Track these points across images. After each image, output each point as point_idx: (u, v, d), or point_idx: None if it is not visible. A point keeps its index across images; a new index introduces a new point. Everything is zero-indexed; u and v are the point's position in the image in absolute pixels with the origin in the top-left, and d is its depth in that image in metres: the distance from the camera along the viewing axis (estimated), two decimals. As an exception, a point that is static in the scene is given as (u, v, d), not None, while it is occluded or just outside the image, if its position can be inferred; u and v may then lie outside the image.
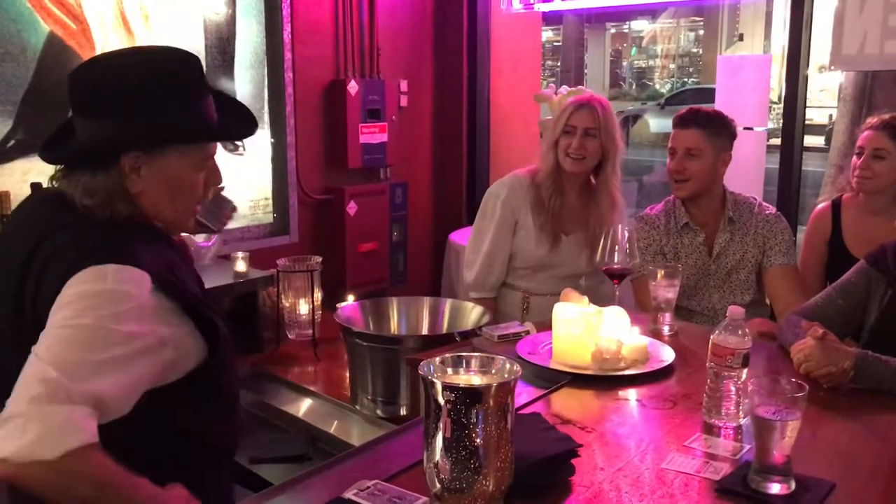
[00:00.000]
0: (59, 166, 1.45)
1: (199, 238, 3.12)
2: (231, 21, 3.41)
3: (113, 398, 1.23)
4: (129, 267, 1.29)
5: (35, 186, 2.58)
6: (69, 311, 1.24)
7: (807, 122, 3.57)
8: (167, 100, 1.39)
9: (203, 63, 3.40)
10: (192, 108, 1.42)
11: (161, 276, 1.34)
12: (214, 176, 1.50)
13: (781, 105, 3.52)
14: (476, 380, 1.18)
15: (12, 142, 2.77)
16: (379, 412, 2.13)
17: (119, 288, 1.27)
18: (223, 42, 3.39)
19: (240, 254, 2.77)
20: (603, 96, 2.72)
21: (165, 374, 1.34)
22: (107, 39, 2.96)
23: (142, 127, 1.37)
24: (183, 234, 2.87)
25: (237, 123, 1.58)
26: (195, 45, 3.28)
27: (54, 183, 1.44)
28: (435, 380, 1.12)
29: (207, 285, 1.59)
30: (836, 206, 2.75)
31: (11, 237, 1.46)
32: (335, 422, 2.17)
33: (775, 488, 1.26)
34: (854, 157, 2.63)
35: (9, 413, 1.17)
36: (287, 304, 2.73)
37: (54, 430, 1.15)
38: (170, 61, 1.44)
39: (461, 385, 1.12)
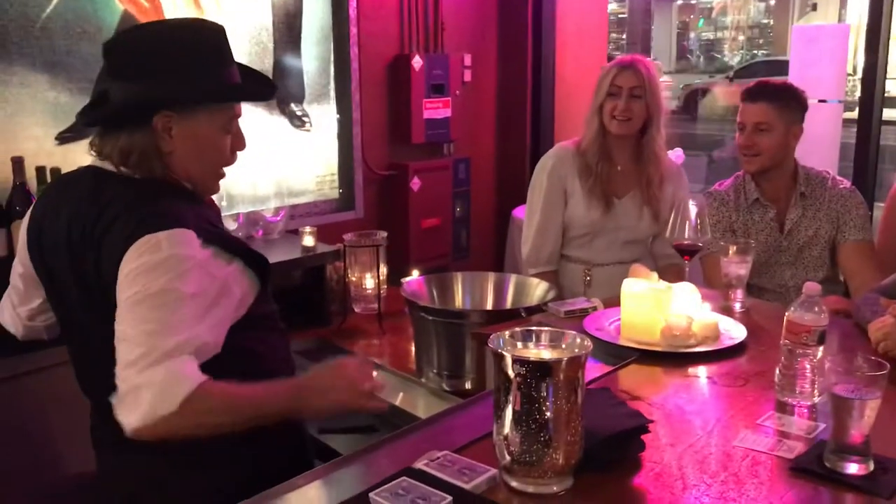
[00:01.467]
0: (93, 135, 1.52)
1: (268, 213, 3.17)
2: (298, -3, 3.44)
3: (206, 341, 1.36)
4: (177, 230, 1.37)
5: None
6: (137, 285, 1.33)
7: (886, 94, 3.44)
8: (197, 63, 1.47)
9: (271, 39, 3.45)
10: (219, 72, 1.51)
11: (203, 229, 1.43)
12: (239, 140, 1.58)
13: (858, 77, 3.40)
14: (546, 354, 1.18)
15: (89, 119, 2.85)
16: (444, 385, 2.15)
17: (175, 252, 1.36)
18: (290, 18, 3.42)
19: (307, 228, 2.81)
20: (646, 57, 2.69)
21: (239, 310, 1.47)
22: (178, 16, 3.01)
23: (172, 87, 1.45)
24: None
25: (259, 87, 1.69)
26: (263, 21, 3.32)
27: (93, 150, 1.51)
28: (505, 353, 1.13)
29: (276, 259, 1.66)
30: (918, 181, 2.65)
31: (60, 213, 1.50)
32: (401, 394, 2.19)
33: (853, 468, 1.23)
34: None
35: (120, 393, 1.30)
36: (353, 279, 2.76)
37: (164, 388, 1.27)
38: (200, 29, 1.54)
39: (531, 359, 1.12)
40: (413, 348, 2.31)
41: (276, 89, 1.73)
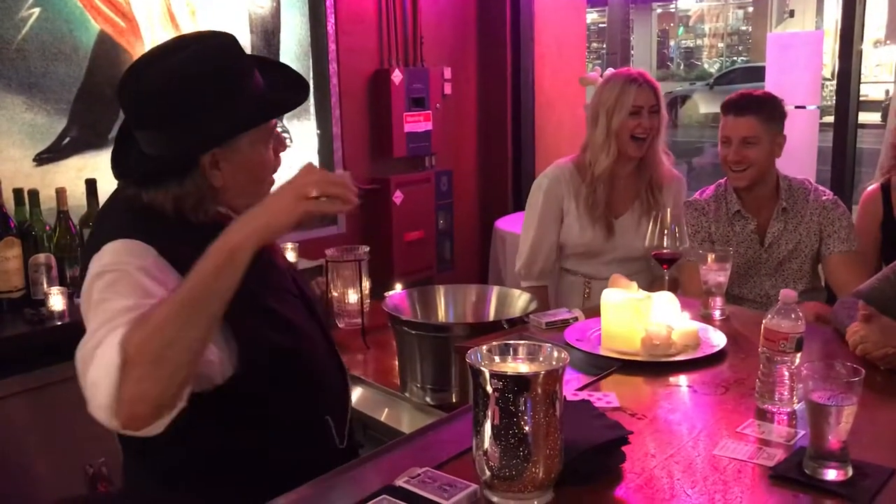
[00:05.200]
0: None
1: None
2: (276, 14, 3.44)
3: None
4: (129, 240, 1.32)
5: (90, 182, 2.65)
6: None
7: (862, 98, 3.48)
8: (223, 91, 1.38)
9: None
10: (246, 91, 1.42)
11: (166, 248, 1.33)
12: (279, 143, 1.51)
13: (835, 82, 3.44)
14: (523, 368, 1.18)
15: (67, 139, 2.84)
16: (428, 399, 2.14)
17: (110, 261, 1.30)
18: (268, 35, 3.42)
19: (289, 244, 2.81)
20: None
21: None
22: (154, 35, 3.01)
23: (210, 125, 1.36)
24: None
25: (288, 90, 1.55)
26: (241, 38, 3.27)
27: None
28: (483, 368, 1.13)
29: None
30: (885, 188, 2.66)
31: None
32: (385, 409, 2.18)
33: (832, 474, 1.23)
34: None
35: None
36: (336, 294, 2.75)
37: (104, 369, 1.14)
38: (211, 49, 1.43)
39: (509, 373, 1.12)
40: (397, 363, 2.31)
41: (307, 89, 1.57)
